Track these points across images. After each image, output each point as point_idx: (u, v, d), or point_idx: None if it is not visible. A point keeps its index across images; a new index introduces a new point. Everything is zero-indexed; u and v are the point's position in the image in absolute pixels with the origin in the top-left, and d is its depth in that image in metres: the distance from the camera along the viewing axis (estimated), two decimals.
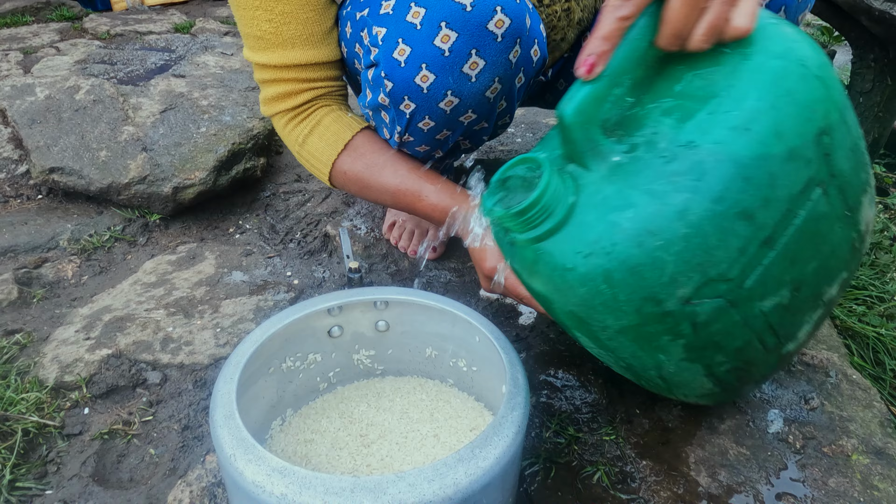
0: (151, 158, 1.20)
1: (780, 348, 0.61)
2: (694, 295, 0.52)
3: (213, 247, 1.15)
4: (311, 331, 0.71)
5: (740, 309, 0.54)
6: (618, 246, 0.51)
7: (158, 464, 0.74)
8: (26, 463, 0.72)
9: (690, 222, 0.49)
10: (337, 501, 0.45)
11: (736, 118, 0.50)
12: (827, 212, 0.54)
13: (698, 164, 0.49)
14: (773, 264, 0.53)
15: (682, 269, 0.51)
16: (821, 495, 0.68)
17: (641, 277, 0.51)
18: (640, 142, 0.52)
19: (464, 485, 0.48)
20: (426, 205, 0.83)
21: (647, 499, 0.68)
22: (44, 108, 1.30)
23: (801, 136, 0.51)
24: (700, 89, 0.52)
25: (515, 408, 0.55)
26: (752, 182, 0.50)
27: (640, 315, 0.53)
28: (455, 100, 0.73)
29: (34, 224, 1.18)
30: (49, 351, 0.87)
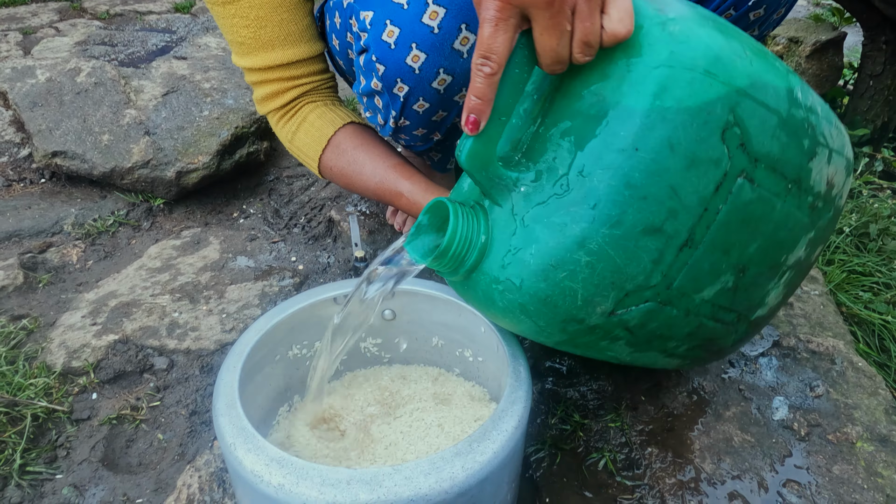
0: (154, 142, 1.20)
1: (744, 319, 0.62)
2: (616, 307, 0.54)
3: (218, 231, 1.15)
4: (317, 319, 0.70)
5: (676, 305, 0.56)
6: (525, 282, 0.53)
7: (167, 448, 0.75)
8: (36, 447, 0.73)
9: (591, 250, 0.51)
10: (333, 493, 0.46)
11: (623, 139, 0.49)
12: (758, 195, 0.54)
13: (592, 192, 0.50)
14: (701, 260, 0.54)
15: (593, 291, 0.52)
16: (825, 482, 0.68)
17: (555, 306, 0.53)
18: (542, 168, 0.53)
19: (460, 479, 0.48)
20: (405, 203, 0.85)
21: (652, 485, 0.68)
22: (45, 91, 1.29)
23: (699, 142, 0.50)
24: (592, 106, 0.50)
25: (516, 402, 0.55)
26: (650, 200, 0.50)
27: (566, 333, 0.56)
28: (448, 78, 0.73)
29: (38, 208, 1.18)
30: (56, 336, 0.88)
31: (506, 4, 0.44)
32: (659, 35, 0.48)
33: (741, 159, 0.52)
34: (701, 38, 0.49)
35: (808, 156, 0.56)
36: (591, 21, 0.45)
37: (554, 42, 0.46)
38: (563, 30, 0.45)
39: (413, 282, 0.71)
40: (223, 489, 0.68)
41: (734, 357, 0.83)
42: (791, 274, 0.63)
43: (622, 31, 0.46)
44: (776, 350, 0.84)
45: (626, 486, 0.69)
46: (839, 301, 0.97)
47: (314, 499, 0.45)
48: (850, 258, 1.05)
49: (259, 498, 0.48)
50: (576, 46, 0.47)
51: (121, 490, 0.69)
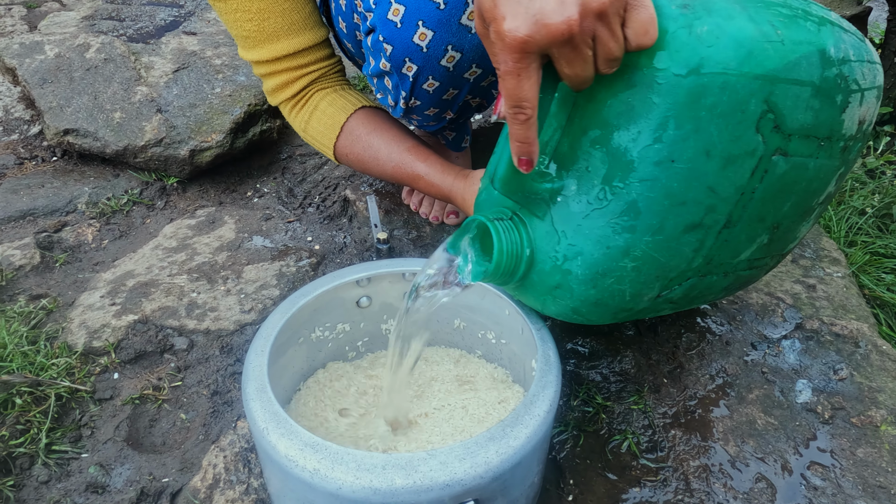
0: (167, 120, 1.18)
1: (777, 257, 0.65)
2: (661, 292, 0.57)
3: (232, 211, 1.14)
4: (339, 301, 0.70)
5: (716, 273, 0.59)
6: (575, 290, 0.56)
7: (190, 429, 0.75)
8: (61, 427, 0.73)
9: (636, 256, 0.53)
10: (369, 478, 0.46)
11: (658, 152, 0.48)
12: (791, 164, 0.54)
13: (632, 205, 0.51)
14: (738, 234, 0.56)
15: (640, 288, 0.56)
16: (849, 465, 0.68)
17: (605, 305, 0.57)
18: (576, 177, 0.53)
19: (495, 463, 0.48)
20: (423, 185, 0.86)
21: (676, 467, 0.68)
22: (54, 67, 1.28)
23: (734, 140, 0.49)
24: (620, 116, 0.49)
25: (547, 386, 0.54)
26: (689, 203, 0.51)
27: (616, 318, 0.60)
28: (457, 55, 0.71)
29: (51, 187, 1.17)
30: (76, 316, 0.88)
31: (523, 55, 0.42)
32: (686, 40, 0.46)
33: (775, 140, 0.51)
34: (731, 36, 0.46)
35: (840, 109, 0.54)
36: (614, 41, 0.43)
37: (578, 70, 0.44)
38: (586, 58, 0.43)
39: None
40: (249, 469, 0.68)
41: (756, 340, 0.83)
42: (821, 208, 0.64)
43: (646, 42, 0.45)
44: (799, 333, 0.84)
45: (649, 468, 0.69)
46: (861, 283, 0.96)
47: (350, 484, 0.45)
48: (873, 240, 1.04)
49: (293, 483, 0.48)
50: (600, 64, 0.45)
51: (146, 469, 0.69)
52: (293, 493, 0.50)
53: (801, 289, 0.91)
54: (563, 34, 0.40)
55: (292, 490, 0.49)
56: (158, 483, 0.68)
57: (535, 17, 0.40)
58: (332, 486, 0.45)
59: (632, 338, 0.83)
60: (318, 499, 0.47)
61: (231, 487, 0.67)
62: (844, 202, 1.13)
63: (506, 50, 0.42)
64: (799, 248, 1.00)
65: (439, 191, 0.84)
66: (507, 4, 0.41)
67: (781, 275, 0.94)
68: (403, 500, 0.45)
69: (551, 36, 0.41)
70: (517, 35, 0.41)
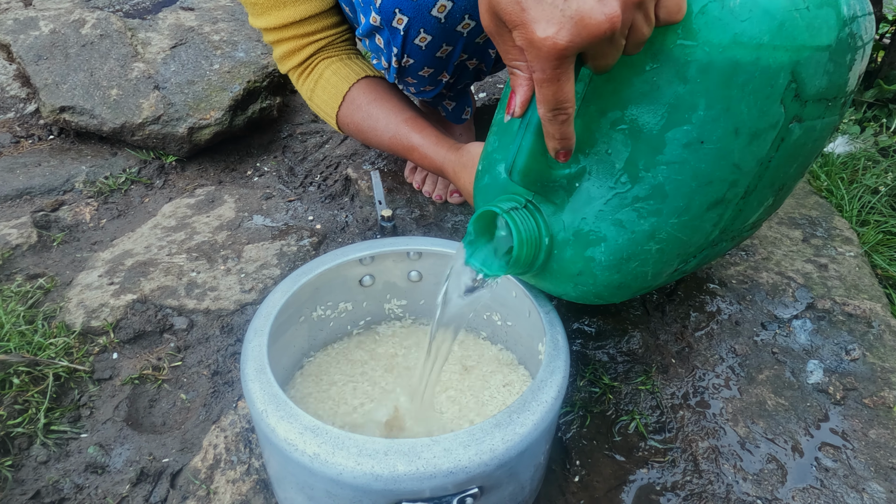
0: (164, 97, 1.16)
1: (776, 205, 0.66)
2: (678, 266, 0.58)
3: (232, 190, 1.12)
4: (342, 280, 0.68)
5: (726, 239, 0.60)
6: (599, 276, 0.55)
7: (190, 409, 0.74)
8: (59, 407, 0.72)
9: (661, 239, 0.52)
10: (370, 463, 0.44)
11: (687, 134, 0.46)
12: (804, 129, 0.53)
13: (658, 188, 0.49)
14: (752, 200, 0.55)
15: (661, 267, 0.55)
16: (861, 447, 0.67)
17: (628, 287, 0.57)
18: (595, 161, 0.51)
19: (500, 451, 0.46)
20: (417, 157, 0.86)
21: (685, 448, 0.67)
22: (49, 44, 1.25)
23: (761, 115, 0.47)
24: (644, 96, 0.46)
25: (555, 371, 0.53)
26: (715, 183, 0.50)
27: (633, 294, 0.61)
28: (448, 4, 0.70)
29: (48, 166, 1.15)
30: (73, 296, 0.86)
31: (561, 59, 0.38)
32: (718, 14, 0.43)
33: (794, 108, 0.50)
34: (764, 8, 0.44)
35: (848, 68, 0.53)
36: (648, 25, 0.40)
37: (610, 60, 0.41)
38: (619, 47, 0.40)
39: (441, 243, 0.69)
40: (250, 449, 0.67)
41: (767, 320, 0.81)
42: (813, 162, 0.65)
43: (679, 17, 0.42)
44: (810, 313, 0.82)
45: (657, 449, 0.68)
46: (874, 263, 0.94)
47: (351, 469, 0.44)
48: (886, 219, 1.02)
49: (292, 466, 0.47)
50: (630, 48, 0.42)
51: (146, 449, 0.68)
52: (293, 477, 0.49)
53: (813, 268, 0.89)
54: (605, 32, 0.37)
55: (292, 474, 0.48)
56: (158, 463, 0.67)
57: (573, 20, 0.37)
58: (332, 471, 0.44)
59: (639, 317, 0.81)
60: (318, 483, 0.46)
61: (232, 468, 0.66)
62: (857, 180, 1.10)
63: (542, 59, 0.38)
64: (811, 226, 0.98)
65: (432, 163, 0.84)
66: (537, 7, 0.37)
67: (792, 254, 0.92)
68: (405, 488, 0.44)
69: (592, 37, 0.37)
70: (558, 43, 0.37)
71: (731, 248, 0.67)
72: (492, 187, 0.61)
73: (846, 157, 1.17)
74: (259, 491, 0.63)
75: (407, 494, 0.44)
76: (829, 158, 1.16)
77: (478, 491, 0.46)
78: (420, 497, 0.45)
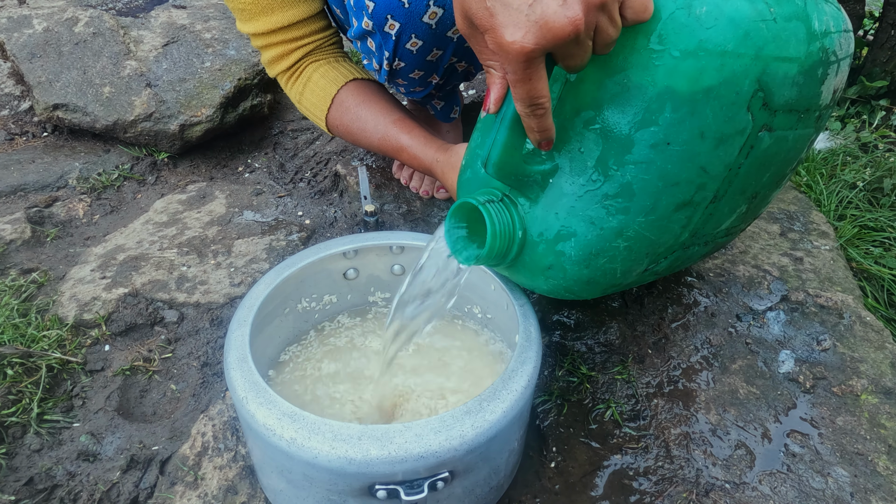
0: (156, 95, 1.17)
1: (750, 223, 0.68)
2: (648, 266, 0.59)
3: (223, 186, 1.14)
4: (326, 273, 0.71)
5: (698, 243, 0.61)
6: (569, 270, 0.56)
7: (180, 399, 0.76)
8: (52, 397, 0.74)
9: (628, 237, 0.54)
10: (344, 448, 0.46)
11: (654, 135, 0.48)
12: (775, 139, 0.54)
13: (626, 187, 0.51)
14: (722, 207, 0.56)
15: (630, 265, 0.56)
16: (829, 433, 0.69)
17: (597, 283, 0.58)
18: (567, 159, 0.53)
19: (469, 437, 0.48)
20: (406, 157, 0.86)
21: (658, 435, 0.69)
22: (43, 42, 1.26)
23: (727, 121, 0.49)
24: (615, 97, 0.48)
25: (526, 362, 0.55)
26: (682, 184, 0.51)
27: (604, 293, 0.62)
28: (439, 10, 0.71)
29: (42, 162, 1.17)
30: (66, 290, 0.88)
31: (529, 61, 0.41)
32: (685, 21, 0.45)
33: (762, 117, 0.51)
34: (728, 16, 0.45)
35: (820, 82, 0.54)
36: (614, 27, 0.43)
37: (579, 61, 0.43)
38: (587, 49, 0.43)
39: (423, 238, 0.71)
40: (237, 437, 0.69)
41: (742, 312, 0.84)
42: (791, 173, 0.66)
43: (644, 17, 0.44)
44: (784, 305, 0.84)
45: (631, 435, 0.70)
46: (849, 256, 0.96)
47: (326, 453, 0.46)
48: (863, 213, 1.04)
49: (271, 451, 0.49)
50: (598, 49, 0.44)
51: (137, 438, 0.71)
52: (272, 462, 0.51)
53: (789, 261, 0.91)
54: (569, 35, 0.39)
55: (271, 458, 0.50)
56: (148, 451, 0.69)
57: (538, 24, 0.39)
58: (308, 455, 0.46)
59: (617, 309, 0.84)
60: (295, 467, 0.48)
61: (219, 454, 0.68)
62: (836, 176, 1.12)
63: (512, 61, 0.41)
64: (788, 221, 1.00)
65: (421, 163, 0.85)
66: (504, 13, 0.39)
67: (769, 248, 0.94)
68: (378, 471, 0.46)
69: (557, 39, 0.39)
70: (525, 46, 0.39)
71: (708, 253, 0.68)
72: (473, 181, 0.63)
73: (826, 152, 1.19)
74: (245, 476, 0.66)
75: (380, 477, 0.46)
76: (810, 154, 1.18)
77: (448, 475, 0.48)
78: (393, 480, 0.47)
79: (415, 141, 0.85)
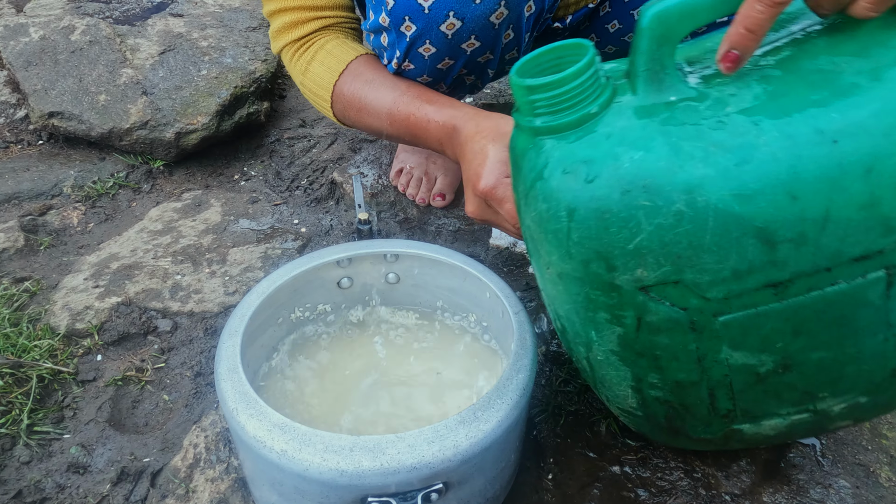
0: (152, 102, 1.17)
1: (730, 420, 0.51)
2: (654, 286, 0.43)
3: (219, 194, 1.13)
4: (320, 282, 0.70)
5: (701, 340, 0.45)
6: (600, 181, 0.41)
7: (173, 409, 0.75)
8: (43, 408, 0.73)
9: (694, 204, 0.40)
10: (336, 459, 0.45)
11: (832, 122, 0.38)
12: (877, 307, 0.42)
13: (747, 148, 0.39)
14: (767, 317, 0.43)
15: (653, 247, 0.41)
16: (830, 444, 0.68)
17: (605, 229, 0.42)
18: (712, 94, 0.42)
19: (464, 447, 0.47)
20: (433, 130, 0.72)
21: (657, 446, 0.69)
22: (39, 50, 1.26)
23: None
24: (821, 79, 0.39)
25: (521, 370, 0.54)
26: (797, 203, 0.39)
27: (585, 269, 0.44)
28: (457, 22, 0.70)
29: (36, 170, 1.16)
30: (59, 299, 0.87)
31: None
32: None
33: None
34: None
35: None
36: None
37: None
38: None
39: (418, 245, 0.70)
40: (229, 449, 0.68)
41: None
42: (805, 417, 0.52)
43: None
44: None
45: (630, 446, 0.69)
46: None
47: (317, 465, 0.45)
48: None
49: (262, 463, 0.48)
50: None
51: (128, 449, 0.70)
52: (264, 474, 0.50)
53: None
54: None
55: (262, 471, 0.50)
56: (139, 463, 0.68)
57: None
58: (298, 467, 0.45)
59: None
60: (287, 479, 0.47)
61: (211, 466, 0.67)
62: None
63: None
64: None
65: (442, 127, 0.71)
66: None
67: None
68: (370, 483, 0.45)
69: None
70: None
71: None
72: None
73: None
74: (237, 489, 0.64)
75: (372, 489, 0.46)
76: None
77: (442, 486, 0.47)
78: (385, 492, 0.46)
79: (437, 105, 0.73)
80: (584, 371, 0.55)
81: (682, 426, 0.53)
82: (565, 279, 0.46)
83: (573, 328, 0.50)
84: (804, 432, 0.54)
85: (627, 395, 0.52)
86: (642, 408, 0.53)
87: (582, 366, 0.54)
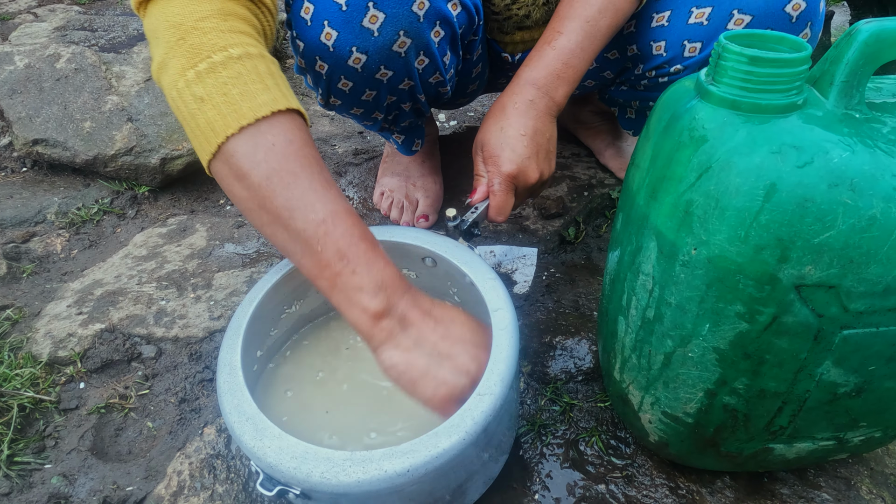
0: (137, 129, 1.18)
1: (773, 438, 0.54)
2: (810, 286, 0.43)
3: (204, 219, 1.14)
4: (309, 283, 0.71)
5: (814, 351, 0.46)
6: (811, 168, 0.41)
7: (157, 437, 0.74)
8: (24, 438, 0.72)
9: (889, 214, 0.41)
10: (332, 471, 0.46)
11: None
12: None
13: None
14: (881, 339, 0.45)
15: (836, 245, 0.41)
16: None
17: (801, 217, 0.41)
18: (889, 123, 0.43)
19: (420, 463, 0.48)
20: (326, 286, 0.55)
21: (641, 464, 0.69)
22: (24, 78, 1.27)
23: None
24: None
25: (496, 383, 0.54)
26: None
27: (754, 255, 0.43)
28: (362, 56, 0.71)
29: (20, 197, 1.16)
30: (41, 326, 0.87)
31: None
32: None
33: None
34: None
35: None
36: None
37: None
38: None
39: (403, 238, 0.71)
40: (214, 475, 0.68)
41: None
42: (832, 445, 0.57)
43: None
44: None
45: (615, 464, 0.69)
46: None
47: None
48: None
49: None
50: None
51: (111, 478, 0.69)
52: None
53: None
54: None
55: None
56: (122, 492, 0.67)
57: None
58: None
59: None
60: None
61: (195, 494, 0.66)
62: None
63: None
64: None
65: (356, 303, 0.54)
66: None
67: None
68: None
69: None
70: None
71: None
72: None
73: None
74: None
75: None
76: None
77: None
78: None
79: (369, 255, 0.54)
80: (641, 368, 0.53)
81: (725, 439, 0.54)
82: (713, 263, 0.45)
83: (677, 318, 0.48)
84: (813, 460, 0.56)
85: (693, 399, 0.51)
86: (700, 414, 0.52)
87: (643, 362, 0.53)
